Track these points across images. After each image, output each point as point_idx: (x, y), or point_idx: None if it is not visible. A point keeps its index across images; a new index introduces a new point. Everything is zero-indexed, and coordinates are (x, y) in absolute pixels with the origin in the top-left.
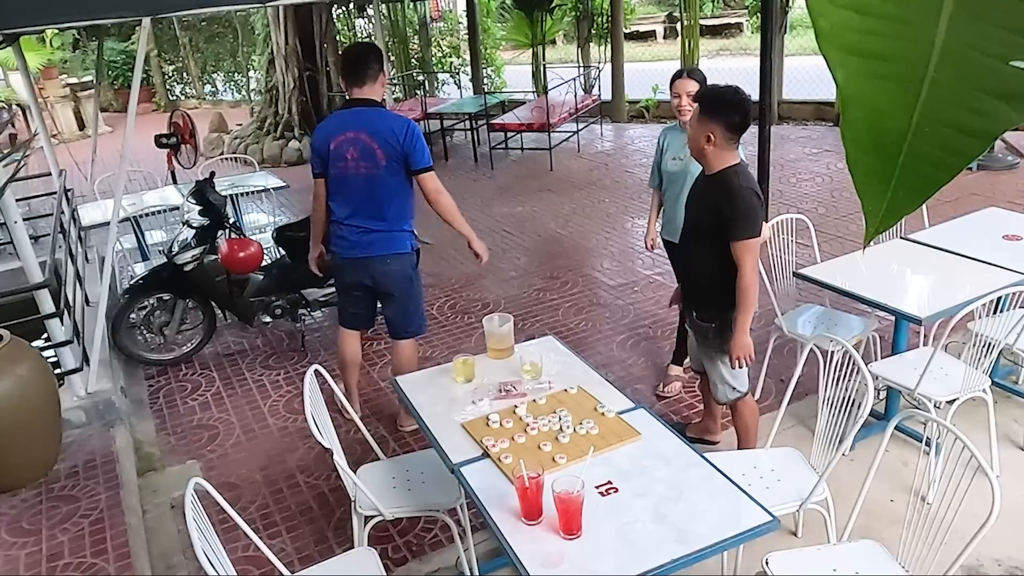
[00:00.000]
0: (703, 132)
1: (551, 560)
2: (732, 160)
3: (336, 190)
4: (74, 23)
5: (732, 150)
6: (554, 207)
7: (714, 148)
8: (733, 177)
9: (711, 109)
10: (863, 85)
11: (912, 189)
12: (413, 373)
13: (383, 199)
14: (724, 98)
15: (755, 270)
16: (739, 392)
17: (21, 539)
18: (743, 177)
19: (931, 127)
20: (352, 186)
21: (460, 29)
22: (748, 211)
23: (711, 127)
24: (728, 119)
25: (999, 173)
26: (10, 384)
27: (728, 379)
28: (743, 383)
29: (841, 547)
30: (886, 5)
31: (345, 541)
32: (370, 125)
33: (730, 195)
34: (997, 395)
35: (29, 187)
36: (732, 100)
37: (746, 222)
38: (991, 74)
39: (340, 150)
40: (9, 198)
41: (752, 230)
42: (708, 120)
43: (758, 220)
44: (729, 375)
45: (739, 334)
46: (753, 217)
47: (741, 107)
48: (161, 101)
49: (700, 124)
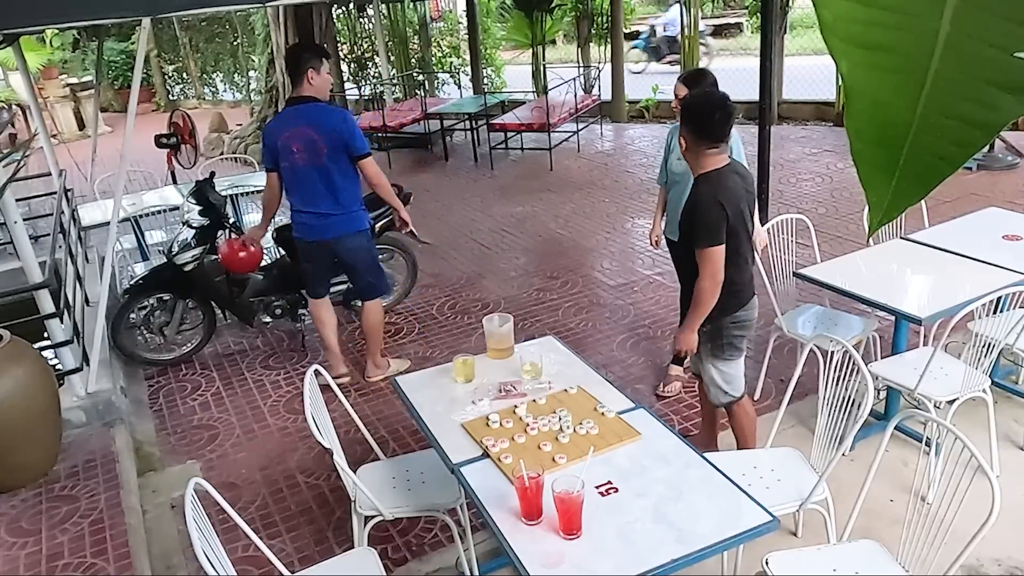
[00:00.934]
0: (680, 137)
1: (551, 560)
2: (711, 165)
3: (290, 182)
4: (74, 23)
5: (709, 155)
6: (554, 207)
7: (689, 153)
8: (702, 184)
9: (684, 116)
10: (867, 77)
11: (916, 180)
12: (413, 373)
13: (334, 185)
14: (693, 107)
15: (714, 277)
16: (732, 396)
17: (21, 539)
18: (713, 185)
19: (935, 118)
20: (304, 176)
21: (460, 29)
22: (707, 221)
23: (684, 133)
24: (692, 126)
25: (999, 173)
26: (10, 384)
27: (720, 382)
28: (737, 387)
29: (841, 547)
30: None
31: (345, 541)
32: (311, 120)
33: (693, 203)
34: (997, 395)
35: (29, 187)
36: (699, 109)
37: (705, 231)
38: (995, 65)
39: (287, 145)
40: (9, 198)
41: (710, 239)
42: (683, 125)
43: (716, 230)
44: (721, 378)
45: (685, 330)
46: (711, 227)
47: (709, 116)
48: (161, 101)
49: (681, 129)
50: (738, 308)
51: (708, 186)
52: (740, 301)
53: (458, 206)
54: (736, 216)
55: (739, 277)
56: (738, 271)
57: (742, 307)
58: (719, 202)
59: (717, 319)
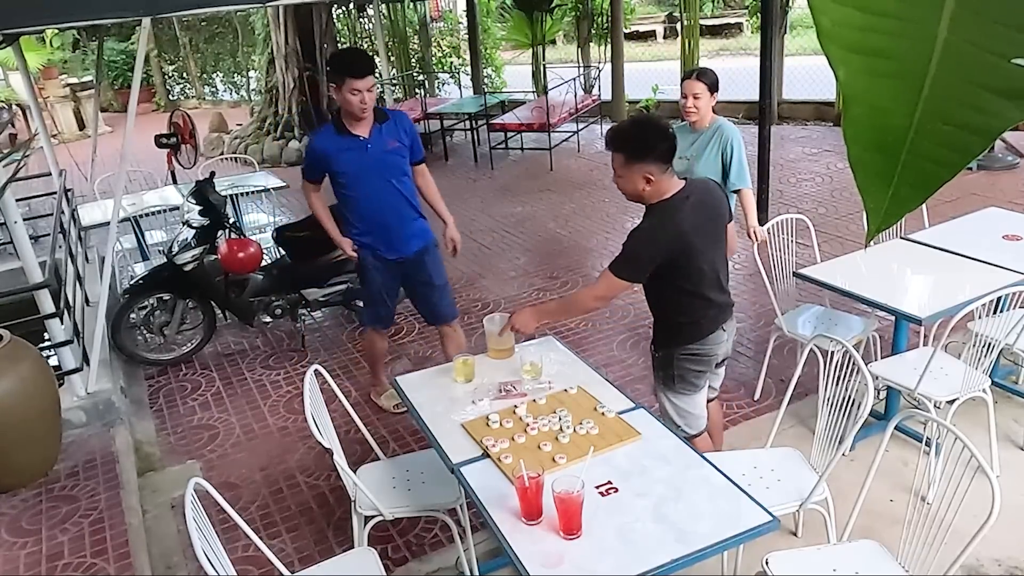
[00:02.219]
0: (639, 176)
1: (551, 560)
2: (668, 190)
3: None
4: (74, 23)
5: (669, 179)
6: (554, 207)
7: (654, 187)
8: (651, 215)
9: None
10: (865, 83)
11: (914, 186)
12: (413, 373)
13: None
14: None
15: (596, 299)
16: (686, 432)
17: (21, 539)
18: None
19: (933, 124)
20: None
21: (460, 29)
22: (629, 247)
23: (647, 168)
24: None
25: (999, 173)
26: (10, 384)
27: (672, 415)
28: (693, 424)
29: (841, 547)
30: (888, 2)
31: (345, 541)
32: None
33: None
34: (997, 395)
35: (29, 187)
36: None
37: (622, 258)
38: (993, 71)
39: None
40: (9, 198)
41: (619, 267)
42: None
43: (632, 265)
44: (674, 411)
45: (527, 310)
46: (630, 258)
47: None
48: (161, 101)
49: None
50: (693, 340)
51: (657, 218)
52: (696, 334)
53: (458, 206)
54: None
55: (697, 313)
56: (700, 305)
57: (698, 340)
58: (656, 240)
59: (668, 347)
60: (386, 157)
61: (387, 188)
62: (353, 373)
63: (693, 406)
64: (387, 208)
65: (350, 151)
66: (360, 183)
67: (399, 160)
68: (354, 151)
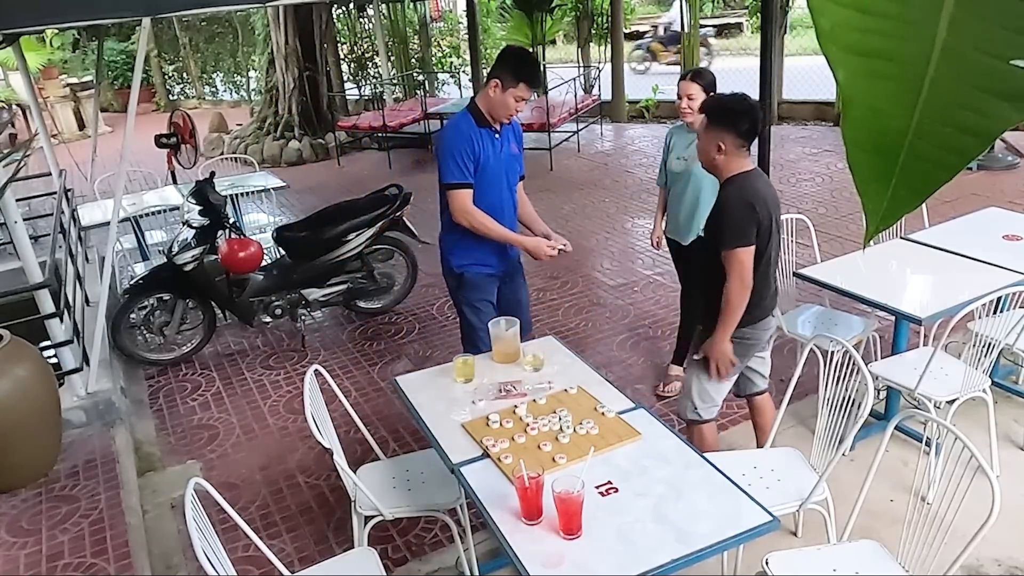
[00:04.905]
0: (713, 142)
1: (551, 560)
2: (740, 168)
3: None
4: (74, 23)
5: (743, 157)
6: (554, 207)
7: (724, 157)
8: (729, 186)
9: (720, 118)
10: (864, 84)
11: (912, 188)
12: (413, 373)
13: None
14: (732, 107)
15: (743, 280)
16: (699, 417)
17: (21, 539)
18: (740, 186)
19: (932, 126)
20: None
21: (460, 29)
22: (734, 221)
23: (721, 136)
24: (737, 127)
25: (999, 173)
26: (10, 384)
27: (694, 395)
28: (708, 410)
29: (841, 547)
30: (887, 4)
31: (345, 541)
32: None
33: (720, 204)
34: (997, 395)
35: (29, 187)
36: (739, 108)
37: (732, 232)
38: (992, 73)
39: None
40: (9, 198)
41: (737, 239)
42: (718, 130)
43: (744, 231)
44: (697, 393)
45: (715, 341)
46: (738, 227)
47: (749, 114)
48: (161, 101)
49: (709, 134)
50: (747, 324)
51: (736, 188)
52: (753, 316)
53: None
54: (767, 220)
55: (757, 294)
56: (762, 287)
57: (752, 324)
58: (749, 203)
59: (708, 327)
60: (510, 159)
61: (506, 192)
62: (353, 373)
63: (717, 392)
64: (506, 213)
65: (485, 141)
66: (485, 181)
67: (517, 166)
68: (489, 144)
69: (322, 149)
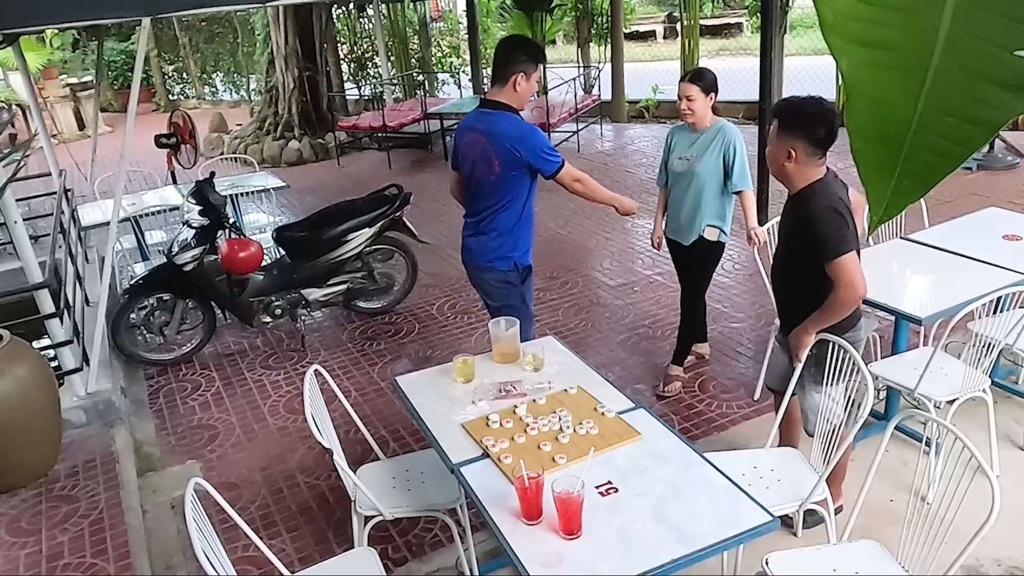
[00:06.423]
0: (783, 149)
1: (551, 560)
2: (815, 176)
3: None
4: (74, 23)
5: (816, 166)
6: (554, 207)
7: (796, 165)
8: (811, 197)
9: (792, 124)
10: (867, 74)
11: (916, 178)
12: (413, 373)
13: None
14: (805, 111)
15: (854, 287)
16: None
17: (21, 539)
18: (821, 195)
19: (935, 116)
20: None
21: (460, 29)
22: (830, 232)
23: (792, 143)
24: (811, 134)
25: (999, 173)
26: (10, 384)
27: (809, 413)
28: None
29: (841, 547)
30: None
31: (345, 541)
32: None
33: (808, 220)
34: (997, 395)
35: (29, 187)
36: (814, 113)
37: (832, 243)
38: (995, 63)
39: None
40: (9, 198)
41: (838, 247)
42: (789, 136)
43: (842, 237)
44: (812, 409)
45: (804, 330)
46: (837, 235)
47: (825, 119)
48: (161, 101)
49: (780, 140)
50: (851, 328)
51: (817, 197)
52: (854, 319)
53: (458, 206)
54: (852, 222)
55: None
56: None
57: (852, 327)
58: (835, 209)
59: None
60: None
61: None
62: (353, 373)
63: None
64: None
65: None
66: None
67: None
68: None
69: (322, 149)
